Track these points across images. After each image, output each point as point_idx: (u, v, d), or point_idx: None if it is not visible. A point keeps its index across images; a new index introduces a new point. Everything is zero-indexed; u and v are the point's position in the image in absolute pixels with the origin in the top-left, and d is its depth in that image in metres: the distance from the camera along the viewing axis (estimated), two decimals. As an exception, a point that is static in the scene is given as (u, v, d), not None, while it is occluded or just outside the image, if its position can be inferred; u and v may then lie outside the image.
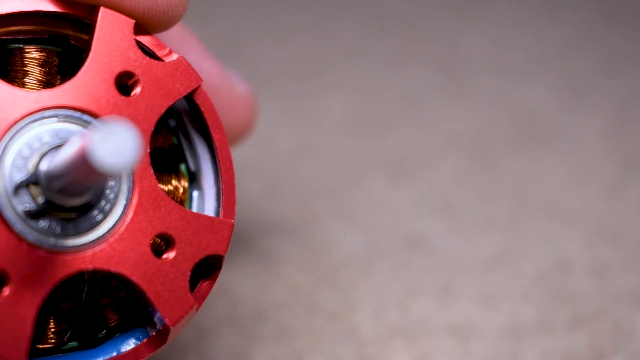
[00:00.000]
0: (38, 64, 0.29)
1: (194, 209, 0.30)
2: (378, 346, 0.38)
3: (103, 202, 0.27)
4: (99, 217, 0.27)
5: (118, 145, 0.22)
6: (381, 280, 0.42)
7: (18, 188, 0.26)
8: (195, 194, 0.30)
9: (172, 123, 0.30)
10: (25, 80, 0.28)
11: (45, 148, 0.26)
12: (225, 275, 0.41)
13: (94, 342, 0.29)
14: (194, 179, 0.30)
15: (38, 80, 0.29)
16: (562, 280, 0.42)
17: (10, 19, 0.28)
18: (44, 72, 0.29)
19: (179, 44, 0.33)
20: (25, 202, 0.26)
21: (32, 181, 0.26)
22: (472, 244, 0.44)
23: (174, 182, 0.30)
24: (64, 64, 0.29)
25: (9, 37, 0.28)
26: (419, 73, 0.57)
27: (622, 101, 0.55)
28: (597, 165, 0.50)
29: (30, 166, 0.26)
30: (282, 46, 0.35)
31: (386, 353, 0.38)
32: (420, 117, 0.53)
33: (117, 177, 0.27)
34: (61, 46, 0.29)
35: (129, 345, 0.28)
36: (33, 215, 0.26)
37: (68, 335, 0.29)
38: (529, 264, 0.43)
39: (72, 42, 0.29)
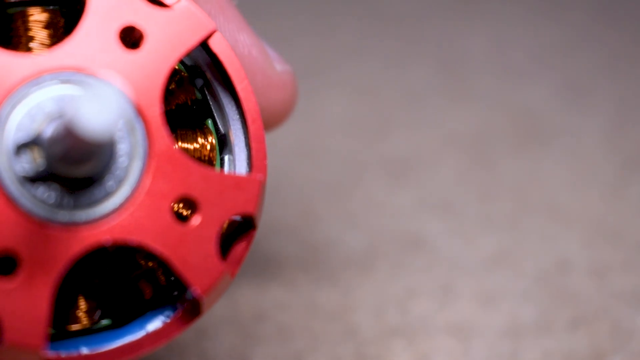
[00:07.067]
0: (42, 26, 0.26)
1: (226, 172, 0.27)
2: (378, 346, 0.38)
3: (115, 169, 0.25)
4: (112, 185, 0.25)
5: (99, 107, 0.20)
6: (381, 280, 0.42)
7: (19, 151, 0.24)
8: (226, 157, 0.28)
9: (199, 82, 0.28)
10: (31, 45, 0.26)
11: (46, 120, 0.24)
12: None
13: (128, 319, 0.27)
14: (224, 141, 0.28)
15: (44, 44, 0.26)
16: (562, 280, 0.42)
17: None
18: (50, 35, 0.26)
19: (215, 12, 0.30)
20: (24, 164, 0.24)
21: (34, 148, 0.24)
22: (472, 244, 0.44)
23: (200, 140, 0.28)
24: (70, 23, 0.27)
25: (9, 0, 0.26)
26: (419, 73, 0.57)
27: (622, 101, 0.55)
28: (597, 165, 0.50)
29: (34, 134, 0.24)
30: (282, 46, 0.35)
31: (386, 353, 0.38)
32: (420, 117, 0.53)
33: (106, 143, 0.24)
34: (65, 4, 0.27)
35: (157, 323, 0.26)
36: (34, 180, 0.24)
37: (99, 313, 0.27)
38: (529, 264, 0.43)
39: None
